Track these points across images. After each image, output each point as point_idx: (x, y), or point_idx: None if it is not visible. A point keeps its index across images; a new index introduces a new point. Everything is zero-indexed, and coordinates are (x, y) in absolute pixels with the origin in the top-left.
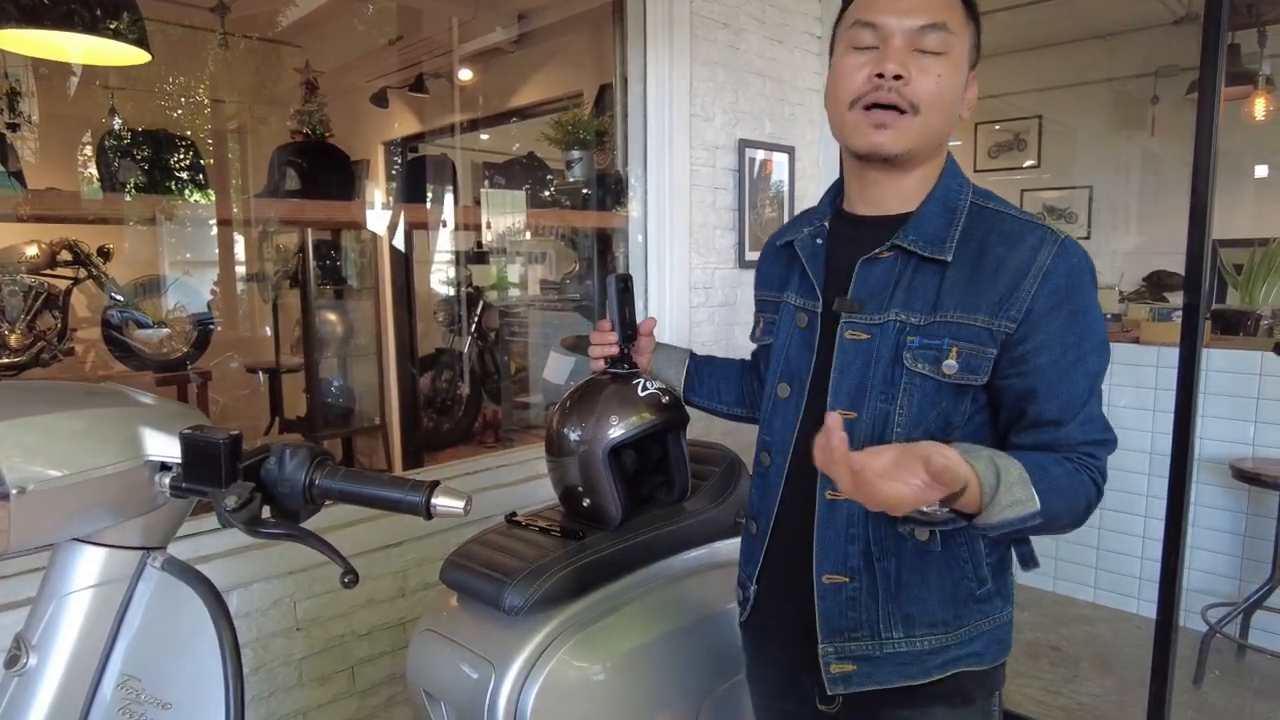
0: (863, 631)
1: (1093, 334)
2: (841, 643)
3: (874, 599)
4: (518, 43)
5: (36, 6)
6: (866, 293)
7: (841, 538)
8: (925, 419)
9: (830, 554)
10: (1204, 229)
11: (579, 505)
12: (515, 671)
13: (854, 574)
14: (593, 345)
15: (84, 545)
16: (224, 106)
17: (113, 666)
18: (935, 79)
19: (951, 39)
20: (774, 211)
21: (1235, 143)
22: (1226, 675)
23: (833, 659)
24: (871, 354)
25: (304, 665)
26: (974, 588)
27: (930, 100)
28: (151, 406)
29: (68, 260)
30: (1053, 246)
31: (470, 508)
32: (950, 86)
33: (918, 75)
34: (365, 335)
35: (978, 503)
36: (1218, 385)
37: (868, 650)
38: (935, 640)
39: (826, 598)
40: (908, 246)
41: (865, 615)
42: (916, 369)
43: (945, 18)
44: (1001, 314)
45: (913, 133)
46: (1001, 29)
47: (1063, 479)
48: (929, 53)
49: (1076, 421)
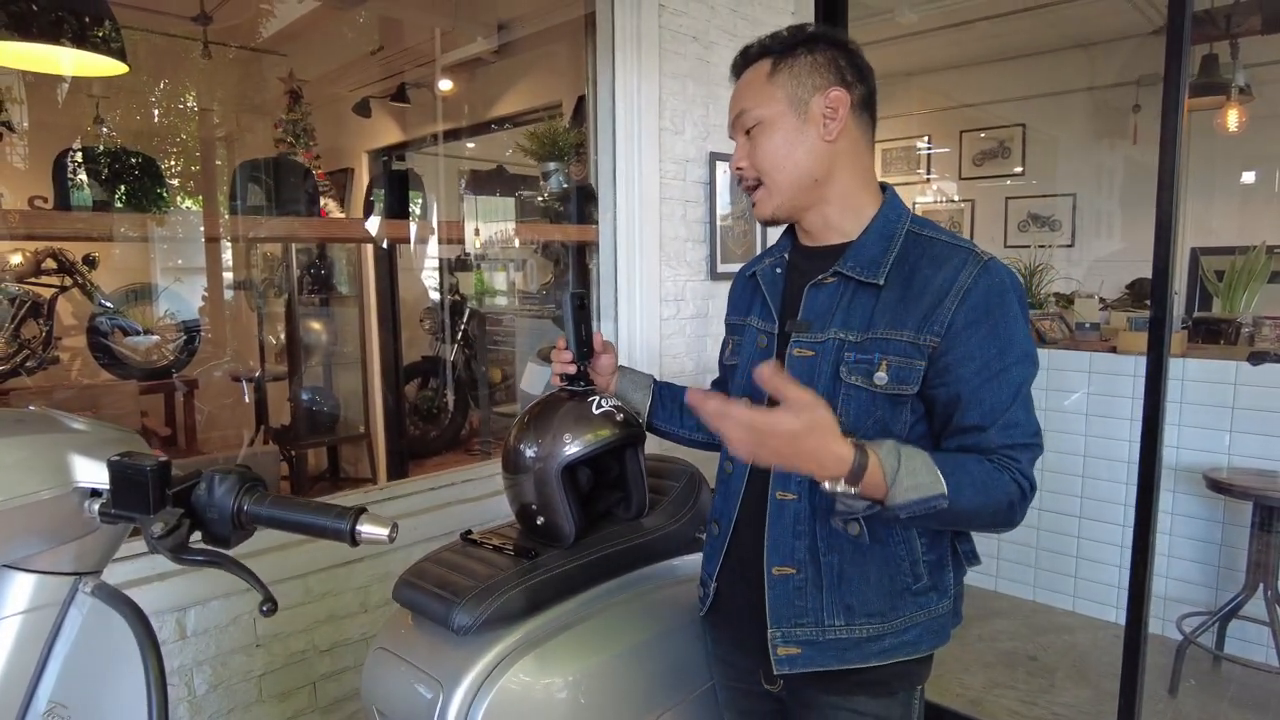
0: (808, 619)
1: (1015, 347)
2: (788, 628)
3: (818, 589)
4: (498, 53)
5: (25, 15)
6: (813, 314)
7: (789, 534)
8: (863, 426)
9: (779, 548)
10: (1170, 241)
11: (534, 523)
12: (464, 691)
13: (800, 566)
14: (554, 365)
15: (14, 571)
16: (211, 115)
17: (41, 693)
18: (760, 152)
19: (758, 111)
20: (748, 225)
21: (1219, 150)
22: (1202, 684)
23: (780, 642)
24: (815, 369)
25: (264, 681)
26: (910, 582)
27: (764, 168)
28: (82, 432)
29: (53, 269)
30: (975, 267)
31: (396, 535)
32: (775, 149)
33: (750, 154)
34: (351, 343)
35: (882, 484)
36: (1194, 395)
37: (812, 636)
38: (873, 629)
39: (775, 587)
40: (846, 272)
41: (810, 604)
42: (851, 381)
43: (744, 104)
44: (926, 329)
45: (771, 197)
46: (984, 38)
47: (978, 473)
48: (748, 132)
49: (997, 427)
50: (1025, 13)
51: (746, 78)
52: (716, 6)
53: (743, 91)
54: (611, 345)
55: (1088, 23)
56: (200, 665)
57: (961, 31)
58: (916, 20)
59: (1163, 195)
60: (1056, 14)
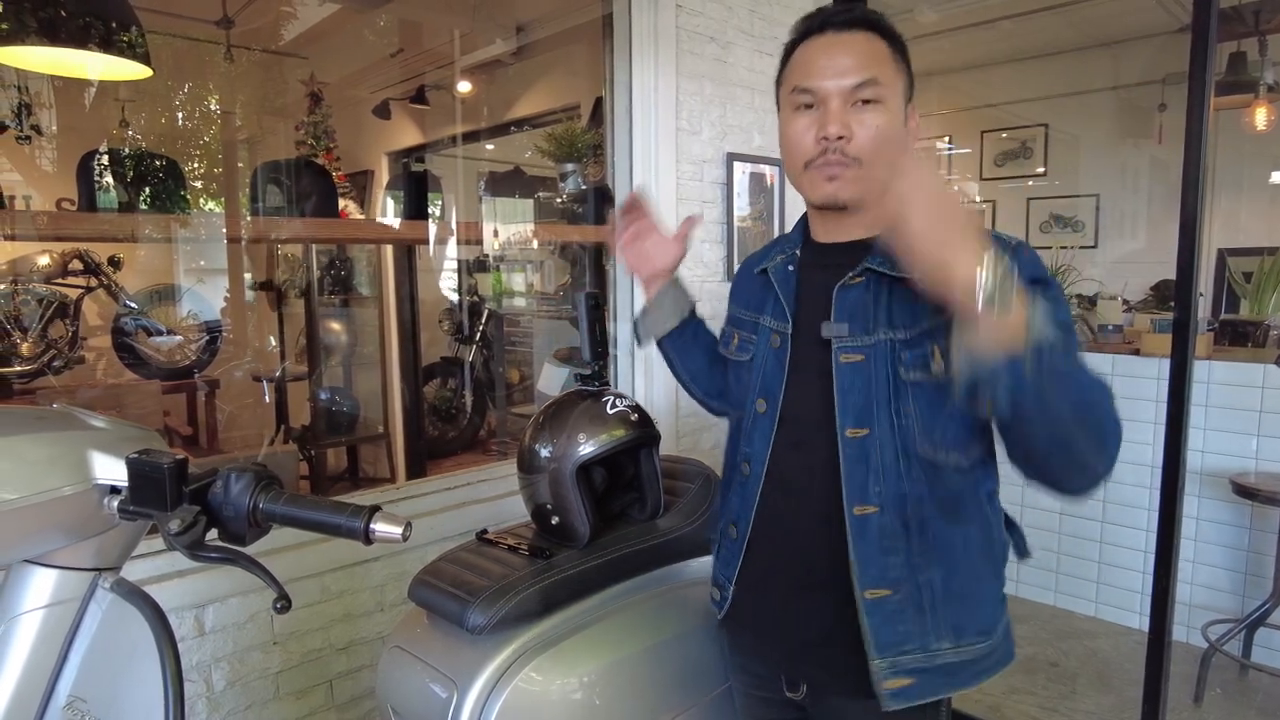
0: (912, 644)
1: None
2: (895, 657)
3: (919, 611)
4: (516, 55)
5: (54, 21)
6: (848, 315)
7: (876, 550)
8: (939, 419)
9: (870, 568)
10: (1194, 242)
11: (549, 523)
12: (478, 690)
13: (895, 586)
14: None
15: (36, 567)
16: (233, 118)
17: (61, 687)
18: (874, 130)
19: (884, 89)
20: (765, 225)
21: (1247, 150)
22: (1228, 693)
23: (888, 674)
24: (870, 374)
25: (281, 679)
26: (999, 586)
27: (871, 152)
28: (102, 430)
29: (79, 269)
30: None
31: (409, 534)
32: (889, 135)
33: (857, 130)
34: (370, 344)
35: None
36: (1220, 398)
37: (921, 663)
38: (981, 647)
39: (874, 614)
40: (876, 269)
41: (913, 627)
42: (911, 377)
43: (875, 72)
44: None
45: (859, 182)
46: (1006, 37)
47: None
48: (866, 103)
49: None
50: (1047, 11)
51: (868, 44)
52: (734, 7)
53: (870, 57)
54: (687, 240)
55: (1111, 21)
56: (218, 662)
57: (982, 30)
58: (937, 19)
59: (1187, 195)
60: (1079, 12)
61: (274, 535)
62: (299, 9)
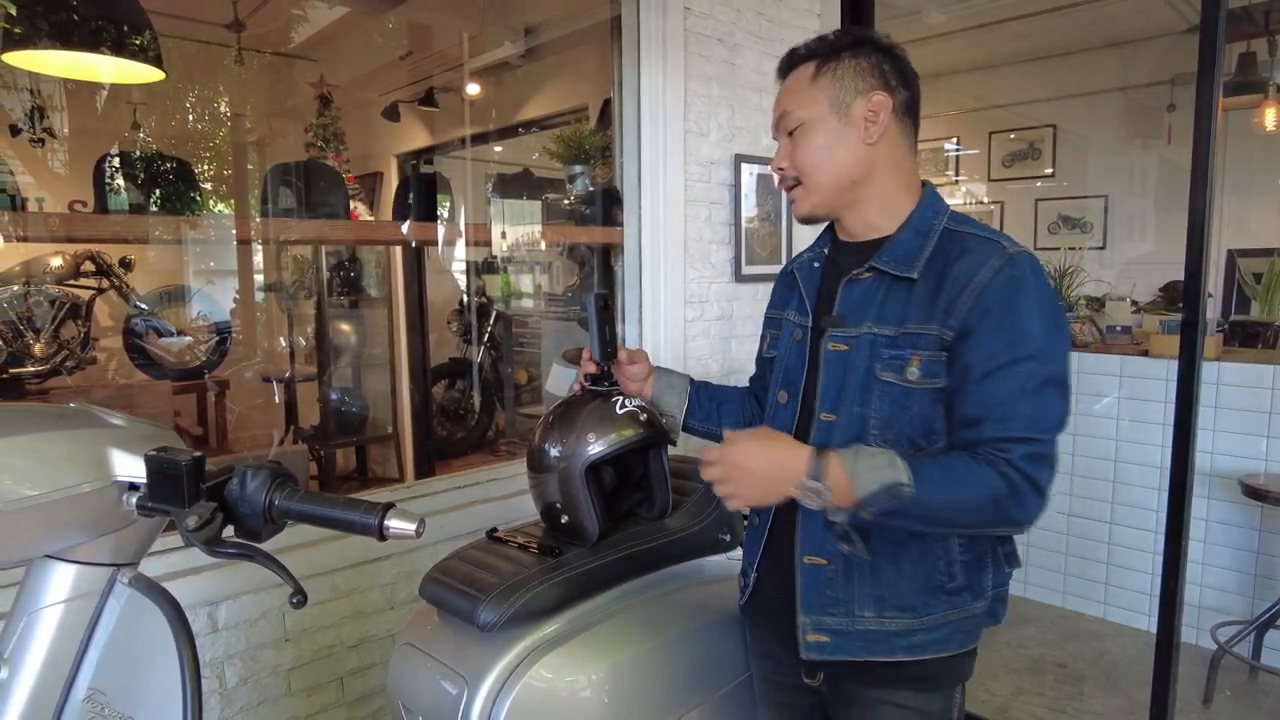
0: (838, 608)
1: (1028, 341)
2: (818, 616)
3: (849, 580)
4: (525, 57)
5: (67, 24)
6: (848, 309)
7: (820, 525)
8: (898, 422)
9: (811, 539)
10: (1203, 242)
11: (558, 522)
12: (488, 687)
13: (832, 557)
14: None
15: (56, 562)
16: (243, 120)
17: (81, 680)
18: (802, 151)
19: (800, 113)
20: (773, 226)
21: (1257, 150)
22: (1237, 695)
23: (809, 629)
24: (849, 363)
25: (292, 676)
26: (944, 581)
27: (804, 169)
28: (121, 427)
29: (90, 271)
30: (999, 260)
31: (423, 530)
32: (815, 151)
33: (791, 155)
34: (379, 345)
35: (844, 477)
36: (1230, 399)
37: (841, 625)
38: (903, 623)
39: (806, 576)
40: (881, 267)
41: (840, 594)
42: (885, 377)
43: (787, 106)
44: (946, 321)
45: (809, 196)
46: (1014, 38)
47: (952, 464)
48: (791, 134)
49: (992, 420)
50: (1055, 12)
51: (790, 80)
52: (741, 9)
53: (786, 93)
54: (643, 352)
55: (1120, 21)
56: (231, 658)
57: (990, 31)
58: (944, 21)
59: (1196, 195)
60: (1087, 13)
61: (285, 533)
62: (309, 12)
